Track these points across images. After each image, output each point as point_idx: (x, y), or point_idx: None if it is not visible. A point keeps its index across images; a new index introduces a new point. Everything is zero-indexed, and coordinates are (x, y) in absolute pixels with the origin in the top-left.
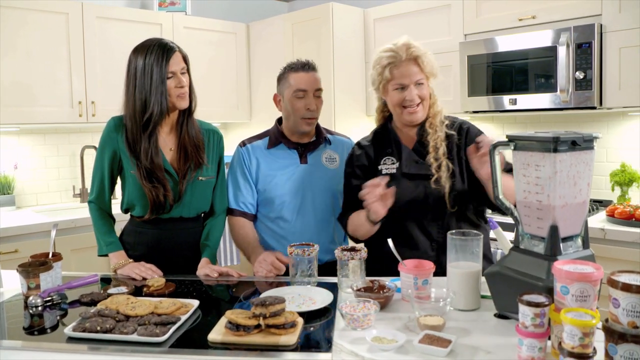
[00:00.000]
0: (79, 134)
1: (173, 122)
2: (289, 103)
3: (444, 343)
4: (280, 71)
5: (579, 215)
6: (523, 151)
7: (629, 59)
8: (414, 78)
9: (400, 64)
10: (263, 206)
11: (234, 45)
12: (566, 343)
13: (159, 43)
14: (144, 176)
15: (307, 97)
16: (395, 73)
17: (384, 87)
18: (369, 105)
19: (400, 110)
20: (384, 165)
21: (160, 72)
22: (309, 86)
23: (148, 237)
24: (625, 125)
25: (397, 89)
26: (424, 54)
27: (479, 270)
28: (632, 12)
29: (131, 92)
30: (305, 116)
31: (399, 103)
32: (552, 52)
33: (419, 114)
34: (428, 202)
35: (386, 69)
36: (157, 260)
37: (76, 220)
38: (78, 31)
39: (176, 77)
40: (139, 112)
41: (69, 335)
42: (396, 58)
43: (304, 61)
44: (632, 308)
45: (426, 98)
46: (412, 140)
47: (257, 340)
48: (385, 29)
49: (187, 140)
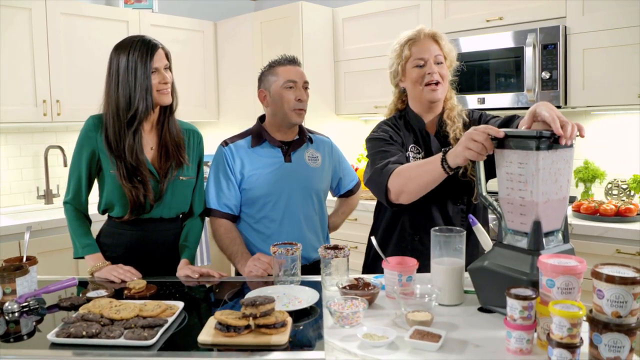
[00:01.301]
0: (42, 134)
1: (153, 121)
2: (278, 96)
3: (435, 338)
4: (264, 68)
5: (560, 211)
6: (506, 149)
7: (592, 60)
8: (433, 53)
9: (420, 41)
10: (247, 206)
11: (202, 44)
12: (555, 334)
13: (142, 40)
14: (124, 176)
15: (297, 88)
16: (414, 50)
17: (403, 68)
18: (338, 104)
19: (420, 88)
20: (411, 152)
21: (145, 68)
22: (299, 77)
23: (127, 238)
24: (588, 123)
25: (417, 66)
26: (443, 36)
27: (462, 266)
28: (595, 15)
29: (113, 89)
30: (297, 107)
31: (419, 79)
32: (519, 52)
33: (439, 92)
34: (453, 194)
35: (405, 46)
36: (136, 261)
37: (42, 222)
38: (42, 27)
39: (160, 73)
40: (123, 109)
41: (52, 341)
42: (416, 35)
43: (290, 56)
44: (615, 299)
45: (445, 78)
46: (433, 130)
47: (248, 341)
48: (354, 28)
49: (169, 139)
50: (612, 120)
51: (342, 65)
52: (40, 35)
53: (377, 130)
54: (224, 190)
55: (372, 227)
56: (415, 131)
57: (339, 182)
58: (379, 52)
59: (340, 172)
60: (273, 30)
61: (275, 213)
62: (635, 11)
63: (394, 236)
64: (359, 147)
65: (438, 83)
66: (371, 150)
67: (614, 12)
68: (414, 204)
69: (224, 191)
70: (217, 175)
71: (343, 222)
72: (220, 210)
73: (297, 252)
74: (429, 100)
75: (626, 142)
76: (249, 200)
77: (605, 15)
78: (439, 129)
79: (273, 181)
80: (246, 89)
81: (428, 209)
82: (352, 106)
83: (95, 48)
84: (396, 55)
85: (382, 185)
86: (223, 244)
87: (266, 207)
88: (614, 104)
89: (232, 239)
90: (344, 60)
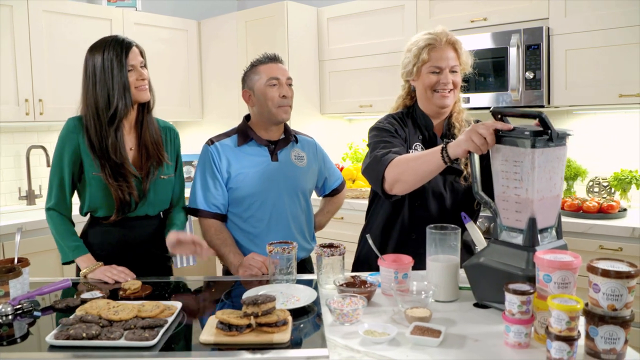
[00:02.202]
0: (23, 134)
1: (132, 121)
2: (262, 94)
3: (435, 333)
4: (246, 69)
5: (554, 208)
6: (502, 147)
7: (574, 60)
8: (450, 62)
9: (440, 47)
10: (234, 205)
11: (185, 43)
12: (553, 327)
13: (115, 39)
14: (109, 175)
15: (281, 84)
16: (432, 55)
17: (418, 70)
18: (322, 103)
19: (431, 94)
20: (415, 151)
21: (121, 66)
22: (281, 74)
23: (113, 236)
24: (570, 123)
25: (432, 72)
26: (461, 44)
27: (457, 262)
28: (577, 17)
29: (91, 90)
30: (281, 104)
31: (431, 86)
32: (503, 53)
33: (449, 99)
34: (455, 197)
35: (424, 50)
36: (122, 257)
37: (26, 223)
38: (24, 25)
39: (136, 71)
40: (103, 108)
41: (51, 343)
42: (436, 41)
43: (271, 54)
44: (611, 292)
45: (458, 86)
46: (439, 132)
47: (250, 340)
48: (338, 28)
49: (148, 138)
50: (593, 120)
51: (326, 64)
52: (22, 33)
53: (384, 121)
54: (211, 189)
55: (366, 226)
56: (423, 131)
57: (325, 181)
58: (364, 51)
59: (326, 172)
60: (258, 29)
61: (262, 212)
62: (616, 14)
63: (394, 232)
64: (344, 146)
65: (451, 90)
66: (374, 139)
67: (595, 14)
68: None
69: (211, 190)
70: (204, 175)
71: (329, 221)
72: (209, 210)
73: (293, 251)
74: (439, 106)
75: (607, 141)
76: (236, 199)
77: (587, 17)
78: (446, 132)
79: (261, 180)
80: (231, 88)
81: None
82: (337, 106)
83: (78, 46)
84: (413, 56)
85: (379, 173)
86: (214, 245)
87: (253, 206)
88: (595, 104)
89: (223, 239)
90: (329, 60)
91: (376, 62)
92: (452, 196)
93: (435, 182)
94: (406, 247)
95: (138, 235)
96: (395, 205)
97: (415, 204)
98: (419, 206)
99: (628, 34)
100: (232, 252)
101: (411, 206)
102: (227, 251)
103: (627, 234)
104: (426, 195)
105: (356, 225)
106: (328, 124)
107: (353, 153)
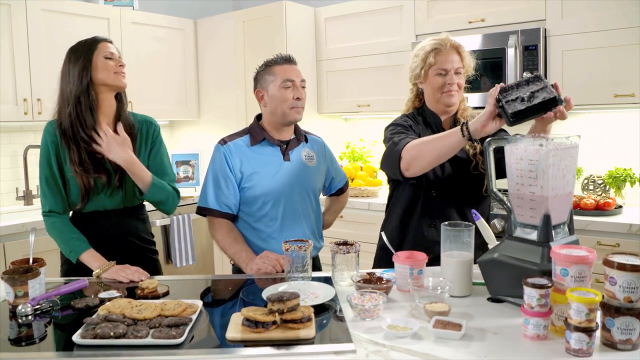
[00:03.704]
0: (20, 133)
1: (110, 115)
2: (276, 95)
3: (456, 327)
4: (260, 68)
5: (566, 205)
6: (517, 146)
7: (570, 61)
8: (455, 65)
9: (445, 51)
10: (247, 205)
11: (182, 42)
12: (573, 319)
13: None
14: (75, 161)
15: (295, 86)
16: (438, 59)
17: (425, 73)
18: (320, 103)
19: (439, 94)
20: None
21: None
22: (296, 76)
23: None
24: (566, 121)
25: (439, 74)
26: (464, 48)
27: (471, 258)
28: (574, 19)
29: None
30: (295, 105)
31: (439, 87)
32: (501, 53)
33: (455, 98)
34: (466, 186)
35: (430, 54)
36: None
37: (26, 224)
38: (22, 24)
39: (115, 59)
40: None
41: (78, 342)
42: (441, 45)
43: (286, 55)
44: (627, 285)
45: (462, 87)
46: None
47: (277, 336)
48: (336, 27)
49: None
50: (589, 119)
51: (324, 64)
52: (21, 32)
53: (399, 119)
54: (223, 189)
55: (385, 220)
56: (433, 128)
57: (332, 181)
58: (362, 51)
59: (333, 171)
60: (255, 29)
61: (275, 212)
62: (611, 15)
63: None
64: (341, 146)
65: (456, 90)
66: (390, 133)
67: (591, 15)
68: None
69: (223, 190)
70: (216, 175)
71: (335, 220)
72: (220, 210)
73: (308, 249)
74: (446, 105)
75: (602, 140)
76: (249, 198)
77: (583, 19)
78: (453, 127)
79: (274, 180)
80: (228, 88)
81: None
82: (335, 105)
83: None
84: (421, 60)
85: (396, 154)
86: (225, 244)
87: (266, 205)
88: (591, 104)
89: (234, 238)
90: (327, 60)
91: (374, 62)
92: (466, 186)
93: (448, 173)
94: (424, 237)
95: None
96: (412, 198)
97: (430, 194)
98: (435, 197)
99: (624, 35)
100: (244, 250)
101: (427, 196)
102: (238, 249)
103: (624, 230)
104: (442, 184)
105: (355, 224)
106: (325, 123)
107: (350, 152)
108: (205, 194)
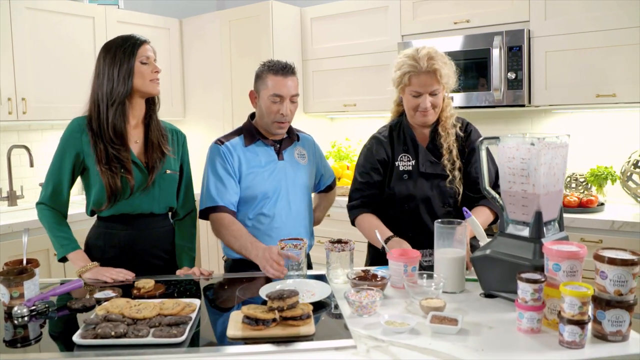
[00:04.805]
0: (4, 133)
1: (139, 117)
2: (263, 105)
3: (452, 322)
4: (259, 68)
5: (557, 202)
6: (509, 146)
7: (553, 62)
8: (429, 89)
9: (420, 74)
10: (243, 204)
11: (167, 41)
12: (566, 312)
13: (130, 35)
14: (102, 159)
15: (283, 102)
16: (413, 81)
17: (402, 89)
18: (306, 103)
19: (413, 113)
20: (401, 162)
21: (131, 55)
22: (286, 92)
23: (119, 239)
24: (549, 121)
25: (413, 95)
26: (443, 67)
27: (464, 255)
28: (556, 20)
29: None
30: (278, 120)
31: (413, 107)
32: (486, 54)
33: (430, 117)
34: (442, 200)
35: (405, 75)
36: (129, 262)
37: (13, 225)
38: (6, 23)
39: (151, 64)
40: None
41: (78, 343)
42: (416, 68)
43: (284, 64)
44: (617, 278)
45: (438, 105)
46: (425, 140)
47: (278, 333)
48: (322, 27)
49: (154, 132)
50: (571, 118)
51: (310, 64)
52: (5, 31)
53: (371, 145)
54: (226, 185)
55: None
56: (407, 141)
57: (321, 178)
58: (347, 51)
59: (322, 168)
60: (242, 29)
61: (270, 210)
62: (594, 17)
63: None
64: (327, 145)
65: (431, 110)
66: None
67: (574, 17)
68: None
69: (227, 187)
70: (216, 173)
71: (324, 217)
72: (223, 205)
73: (303, 247)
74: (419, 125)
75: (584, 139)
76: (246, 198)
77: (566, 20)
78: (430, 142)
79: (270, 179)
80: (213, 87)
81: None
82: (321, 105)
83: (61, 44)
84: (397, 77)
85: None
86: (230, 238)
87: (263, 204)
88: (573, 103)
89: (237, 230)
90: (313, 59)
91: (360, 62)
92: (440, 199)
93: (421, 187)
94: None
95: (142, 237)
96: (386, 208)
97: (404, 207)
98: (408, 209)
99: (606, 37)
100: (250, 241)
101: (401, 209)
102: (244, 241)
103: (606, 227)
104: (414, 198)
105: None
106: (311, 122)
107: (336, 152)
108: (207, 192)
